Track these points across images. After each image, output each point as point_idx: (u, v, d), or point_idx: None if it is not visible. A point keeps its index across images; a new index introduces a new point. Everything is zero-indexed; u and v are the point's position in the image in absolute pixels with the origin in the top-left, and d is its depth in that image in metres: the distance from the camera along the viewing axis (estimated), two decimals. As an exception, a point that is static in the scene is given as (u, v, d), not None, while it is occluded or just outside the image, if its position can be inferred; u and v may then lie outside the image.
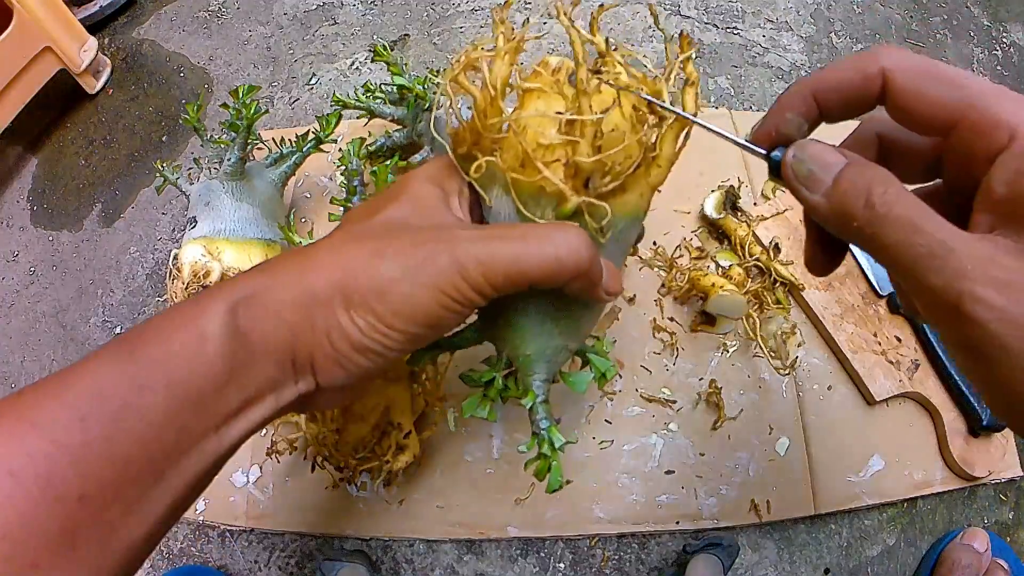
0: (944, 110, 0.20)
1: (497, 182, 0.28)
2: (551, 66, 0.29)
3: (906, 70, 0.21)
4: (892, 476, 0.49)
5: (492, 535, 0.49)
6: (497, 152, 0.28)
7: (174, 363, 0.23)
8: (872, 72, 0.21)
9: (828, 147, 0.22)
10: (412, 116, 0.56)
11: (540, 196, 0.27)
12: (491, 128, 0.27)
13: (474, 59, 0.28)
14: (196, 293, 0.47)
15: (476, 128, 0.28)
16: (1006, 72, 0.73)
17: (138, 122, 0.73)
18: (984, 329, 0.18)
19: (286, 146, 0.56)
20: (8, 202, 0.70)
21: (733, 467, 0.49)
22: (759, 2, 0.77)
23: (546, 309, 0.30)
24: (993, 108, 0.19)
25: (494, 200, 0.29)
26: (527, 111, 0.27)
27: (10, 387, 0.59)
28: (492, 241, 0.25)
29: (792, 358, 0.48)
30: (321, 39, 0.77)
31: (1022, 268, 0.18)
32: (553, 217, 0.27)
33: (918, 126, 0.22)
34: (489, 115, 0.27)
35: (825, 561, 0.49)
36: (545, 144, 0.26)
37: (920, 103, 0.21)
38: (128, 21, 0.82)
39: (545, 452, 0.31)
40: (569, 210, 0.27)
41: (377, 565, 0.49)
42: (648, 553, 0.49)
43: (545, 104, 0.28)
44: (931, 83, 0.21)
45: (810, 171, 0.22)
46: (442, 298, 0.25)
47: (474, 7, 0.77)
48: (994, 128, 0.19)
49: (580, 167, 0.26)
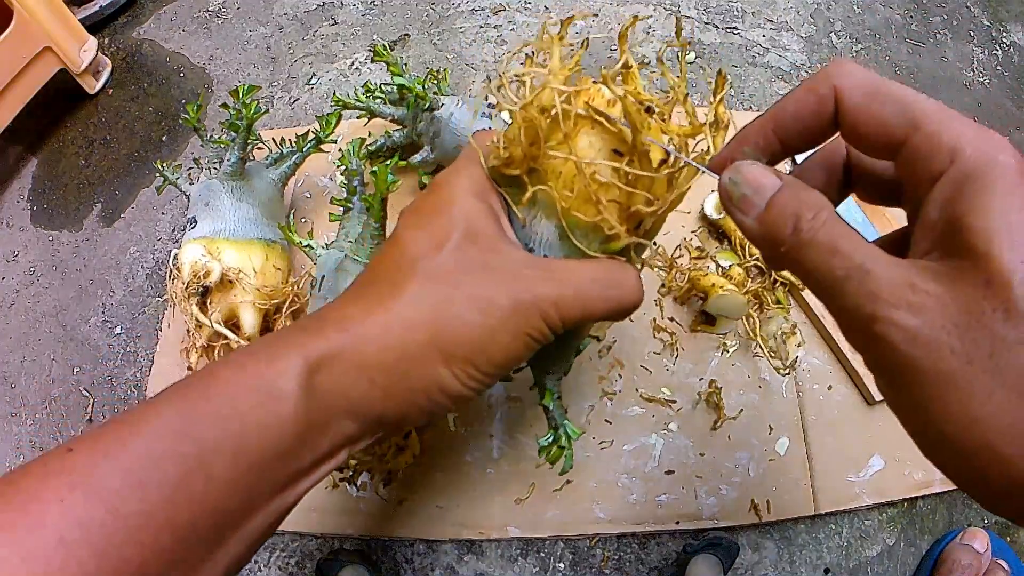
0: (891, 131, 0.20)
1: (540, 206, 0.28)
2: (605, 98, 0.28)
3: (855, 87, 0.20)
4: (892, 476, 0.49)
5: (492, 535, 0.49)
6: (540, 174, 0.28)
7: (244, 426, 0.21)
8: (825, 92, 0.21)
9: (765, 170, 0.22)
10: (412, 116, 0.56)
11: (590, 230, 0.27)
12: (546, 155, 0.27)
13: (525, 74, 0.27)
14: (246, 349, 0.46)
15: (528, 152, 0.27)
16: (1006, 72, 0.73)
17: (138, 122, 0.73)
18: (895, 351, 0.18)
19: (286, 146, 0.56)
20: (8, 202, 0.70)
21: (733, 467, 0.49)
22: (759, 2, 0.77)
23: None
24: (937, 129, 0.19)
25: (534, 223, 0.29)
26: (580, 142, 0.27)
27: (10, 387, 0.59)
28: (567, 284, 0.25)
29: (792, 358, 0.48)
30: (321, 39, 0.77)
31: (940, 292, 0.18)
32: (599, 249, 0.28)
33: (868, 148, 0.21)
34: (550, 141, 0.27)
35: (825, 561, 0.49)
36: (601, 182, 0.26)
37: (868, 123, 0.20)
38: (128, 21, 0.82)
39: (563, 444, 0.35)
40: (619, 247, 0.27)
41: (377, 565, 0.49)
42: (648, 553, 0.49)
43: (599, 139, 0.27)
44: (879, 102, 0.20)
45: (743, 194, 0.22)
46: (528, 341, 0.25)
47: (474, 7, 0.77)
48: (936, 150, 0.19)
49: (639, 214, 0.27)
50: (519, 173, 0.28)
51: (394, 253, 0.26)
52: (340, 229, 0.51)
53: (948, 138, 0.19)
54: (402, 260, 0.26)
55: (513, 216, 0.29)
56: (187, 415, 0.21)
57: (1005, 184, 0.18)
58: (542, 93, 0.26)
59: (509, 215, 0.29)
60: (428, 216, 0.27)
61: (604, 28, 0.74)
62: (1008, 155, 0.18)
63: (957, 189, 0.18)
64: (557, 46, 0.27)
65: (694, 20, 0.75)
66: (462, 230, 0.26)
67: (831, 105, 0.21)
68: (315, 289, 0.48)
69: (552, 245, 0.28)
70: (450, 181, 0.28)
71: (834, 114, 0.21)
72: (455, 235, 0.26)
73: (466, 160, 0.29)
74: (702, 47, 0.73)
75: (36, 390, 0.59)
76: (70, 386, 0.58)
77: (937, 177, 0.19)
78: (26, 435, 0.57)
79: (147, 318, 0.60)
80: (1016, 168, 0.18)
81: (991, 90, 0.71)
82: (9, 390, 0.59)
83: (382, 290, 0.26)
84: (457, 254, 0.25)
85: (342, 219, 0.52)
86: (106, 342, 0.60)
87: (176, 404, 0.22)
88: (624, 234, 0.27)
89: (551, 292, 0.25)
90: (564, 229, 0.28)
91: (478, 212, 0.27)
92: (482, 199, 0.27)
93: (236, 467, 0.21)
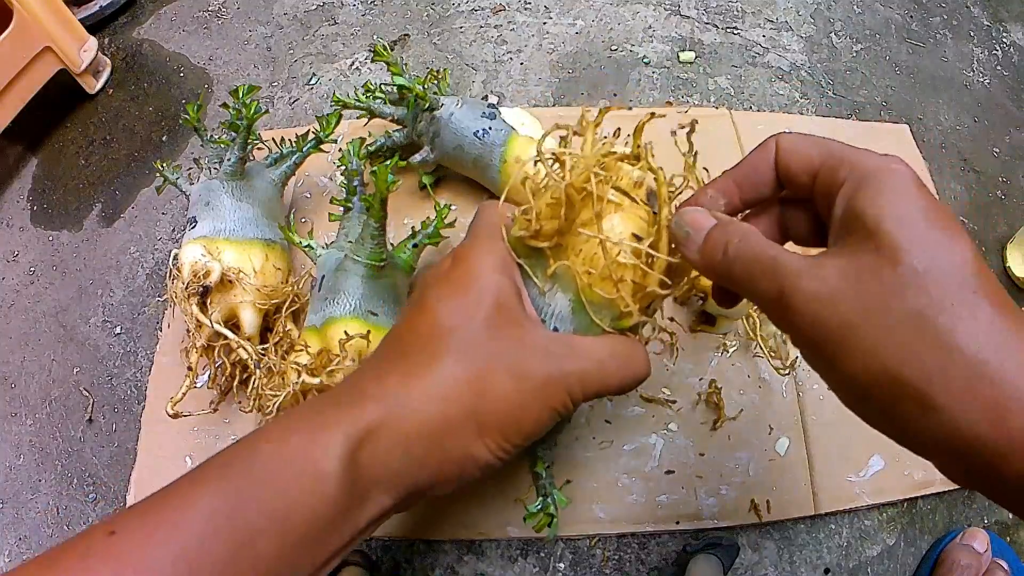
0: (811, 160, 0.25)
1: (557, 279, 0.29)
2: (632, 179, 0.30)
3: (789, 138, 0.26)
4: (892, 476, 0.49)
5: (492, 535, 0.49)
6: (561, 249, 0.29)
7: (289, 508, 0.22)
8: (769, 144, 0.26)
9: (703, 214, 0.26)
10: (412, 116, 0.56)
11: (603, 305, 0.29)
12: (574, 232, 0.28)
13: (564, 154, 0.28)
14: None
15: (558, 227, 0.28)
16: (1006, 72, 0.73)
17: (138, 122, 0.73)
18: (804, 313, 0.22)
19: (286, 146, 0.56)
20: (8, 202, 0.70)
21: (733, 467, 0.49)
22: (759, 2, 0.77)
23: None
24: (843, 152, 0.24)
25: (549, 295, 0.30)
26: (607, 222, 0.28)
27: (10, 387, 0.59)
28: (589, 360, 0.27)
29: (792, 358, 0.48)
30: (321, 39, 0.77)
31: (838, 263, 0.22)
32: (611, 325, 0.29)
33: (796, 177, 0.25)
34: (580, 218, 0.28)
35: (825, 561, 0.49)
36: (622, 262, 0.28)
37: (795, 157, 0.25)
38: (128, 21, 0.82)
39: (551, 512, 0.37)
40: (629, 324, 0.29)
41: (377, 565, 0.49)
42: (648, 553, 0.49)
43: (624, 221, 0.29)
44: (804, 142, 0.25)
45: (687, 233, 0.26)
46: (553, 413, 0.27)
47: (474, 7, 0.77)
48: (841, 164, 0.23)
49: (652, 295, 0.28)
50: (546, 246, 0.29)
51: (426, 323, 0.27)
52: (340, 229, 0.51)
53: (851, 155, 0.23)
54: (436, 330, 0.27)
55: (529, 287, 0.30)
56: (232, 496, 0.22)
57: (894, 183, 0.22)
58: (581, 174, 0.27)
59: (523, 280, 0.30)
60: (456, 288, 0.28)
61: (604, 28, 0.74)
62: (901, 165, 0.23)
63: (856, 188, 0.22)
64: (591, 131, 0.29)
65: (694, 20, 0.75)
66: (490, 304, 0.27)
67: (772, 153, 0.26)
68: (315, 289, 0.48)
69: (564, 318, 0.29)
70: (475, 255, 0.29)
71: (775, 163, 0.26)
72: (485, 308, 0.27)
73: (488, 232, 0.30)
74: (702, 47, 0.73)
75: (36, 390, 0.59)
76: (70, 386, 0.58)
77: (842, 184, 0.23)
78: (26, 435, 0.57)
79: (147, 318, 0.60)
80: (906, 173, 0.22)
81: (991, 90, 0.71)
82: (9, 390, 0.59)
83: (418, 360, 0.26)
84: (489, 327, 0.27)
85: (342, 219, 0.52)
86: (106, 342, 0.60)
87: (220, 484, 0.22)
88: (637, 312, 0.28)
89: (576, 368, 0.27)
90: (579, 303, 0.29)
91: (503, 286, 0.28)
92: (506, 273, 0.29)
93: (282, 548, 0.22)
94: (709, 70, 0.71)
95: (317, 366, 0.43)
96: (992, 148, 0.67)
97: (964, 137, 0.68)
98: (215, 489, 0.22)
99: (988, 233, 0.62)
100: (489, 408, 0.25)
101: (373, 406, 0.25)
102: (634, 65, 0.71)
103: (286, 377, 0.43)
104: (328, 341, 0.44)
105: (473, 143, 0.53)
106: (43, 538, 0.53)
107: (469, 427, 0.25)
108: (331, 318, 0.45)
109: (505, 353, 0.26)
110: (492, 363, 0.26)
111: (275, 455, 0.23)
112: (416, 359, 0.26)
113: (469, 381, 0.25)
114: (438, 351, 0.26)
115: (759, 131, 0.63)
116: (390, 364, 0.27)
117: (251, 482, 0.22)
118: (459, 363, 0.26)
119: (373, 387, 0.26)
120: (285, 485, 0.22)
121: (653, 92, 0.69)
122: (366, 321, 0.45)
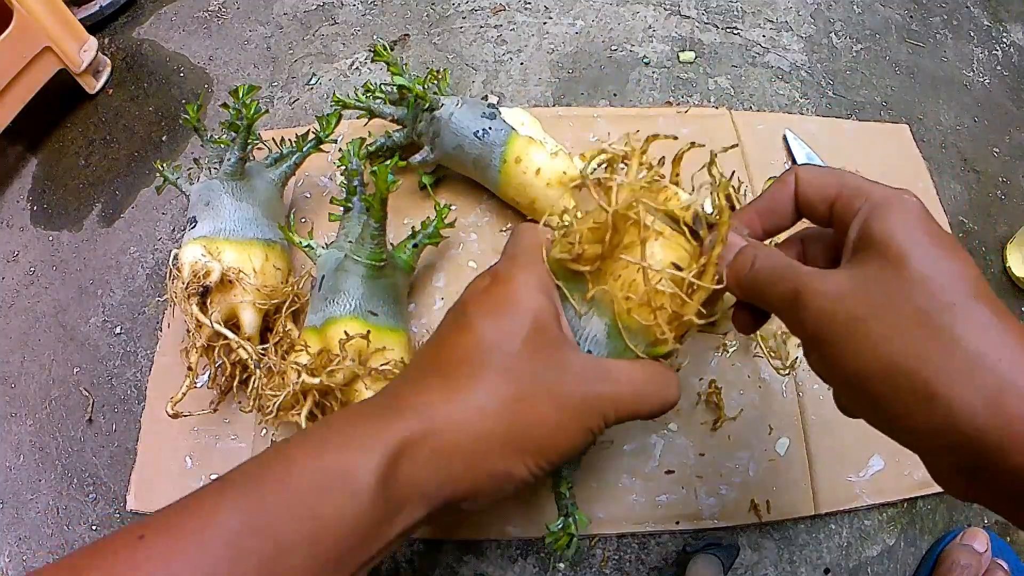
0: (828, 190, 0.27)
1: (594, 304, 0.30)
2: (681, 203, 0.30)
3: (806, 170, 0.28)
4: (892, 476, 0.49)
5: (492, 535, 0.49)
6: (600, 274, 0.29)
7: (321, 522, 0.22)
8: (788, 178, 0.28)
9: (736, 236, 0.29)
10: (412, 116, 0.56)
11: (639, 331, 0.29)
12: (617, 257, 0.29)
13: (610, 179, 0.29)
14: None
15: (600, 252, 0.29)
16: (1006, 72, 0.73)
17: (138, 122, 0.73)
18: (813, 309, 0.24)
19: (286, 146, 0.56)
20: (8, 202, 0.70)
21: (733, 467, 0.49)
22: (759, 2, 0.77)
23: None
24: (859, 183, 0.26)
25: (585, 318, 0.30)
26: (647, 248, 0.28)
27: (10, 387, 0.59)
28: (624, 384, 0.28)
29: (792, 358, 0.48)
30: (321, 39, 0.77)
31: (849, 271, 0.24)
32: (644, 350, 0.30)
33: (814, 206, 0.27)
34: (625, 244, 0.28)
35: (825, 561, 0.49)
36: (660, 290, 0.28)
37: (813, 188, 0.27)
38: (128, 21, 0.82)
39: (572, 531, 0.37)
40: (663, 352, 0.29)
41: (377, 564, 0.49)
42: (648, 553, 0.49)
43: (664, 249, 0.29)
44: (821, 174, 0.27)
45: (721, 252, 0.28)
46: (588, 435, 0.28)
47: (474, 7, 0.77)
48: (857, 194, 0.25)
49: (688, 324, 0.29)
50: (587, 270, 0.29)
51: (468, 339, 0.27)
52: (340, 229, 0.51)
53: (866, 186, 0.26)
54: (477, 347, 0.27)
55: (566, 308, 0.30)
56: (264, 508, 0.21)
57: (904, 209, 0.24)
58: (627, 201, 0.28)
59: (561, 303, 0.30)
60: (498, 306, 0.28)
61: (604, 28, 0.74)
62: (911, 196, 0.25)
63: (869, 213, 0.24)
64: (637, 158, 0.30)
65: (694, 20, 0.75)
66: (531, 324, 0.27)
67: (792, 185, 0.28)
68: (315, 289, 0.48)
69: (600, 342, 0.30)
70: (516, 275, 0.29)
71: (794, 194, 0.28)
72: (526, 328, 0.27)
73: (529, 253, 0.30)
74: (702, 47, 0.73)
75: (36, 390, 0.59)
76: (70, 386, 0.58)
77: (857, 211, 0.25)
78: (26, 435, 0.57)
79: (147, 318, 0.60)
80: (916, 202, 0.25)
81: (991, 90, 0.71)
82: (9, 390, 0.59)
83: (459, 374, 0.26)
84: (530, 348, 0.27)
85: (342, 219, 0.52)
86: (106, 342, 0.60)
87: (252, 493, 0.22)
88: (672, 340, 0.29)
89: (611, 392, 0.28)
90: (615, 328, 0.29)
91: (544, 307, 0.28)
92: (546, 294, 0.29)
93: (313, 560, 0.21)
94: (709, 70, 0.71)
95: (317, 366, 0.43)
96: (992, 148, 0.67)
97: (964, 137, 0.68)
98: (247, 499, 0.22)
99: (988, 233, 0.62)
100: (529, 427, 0.26)
101: (414, 419, 0.25)
102: (634, 65, 0.71)
103: (286, 377, 0.43)
104: (328, 341, 0.44)
105: (473, 143, 0.53)
106: (43, 538, 0.53)
107: (509, 444, 0.26)
108: (331, 318, 0.45)
109: (545, 374, 0.27)
110: (532, 383, 0.26)
111: (309, 464, 0.23)
112: (457, 374, 0.27)
113: (510, 399, 0.26)
114: (480, 368, 0.27)
115: (759, 131, 0.63)
116: (430, 378, 0.27)
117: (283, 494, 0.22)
118: (500, 381, 0.26)
119: (413, 400, 0.26)
120: (319, 500, 0.22)
121: (653, 92, 0.69)
122: (366, 321, 0.45)
